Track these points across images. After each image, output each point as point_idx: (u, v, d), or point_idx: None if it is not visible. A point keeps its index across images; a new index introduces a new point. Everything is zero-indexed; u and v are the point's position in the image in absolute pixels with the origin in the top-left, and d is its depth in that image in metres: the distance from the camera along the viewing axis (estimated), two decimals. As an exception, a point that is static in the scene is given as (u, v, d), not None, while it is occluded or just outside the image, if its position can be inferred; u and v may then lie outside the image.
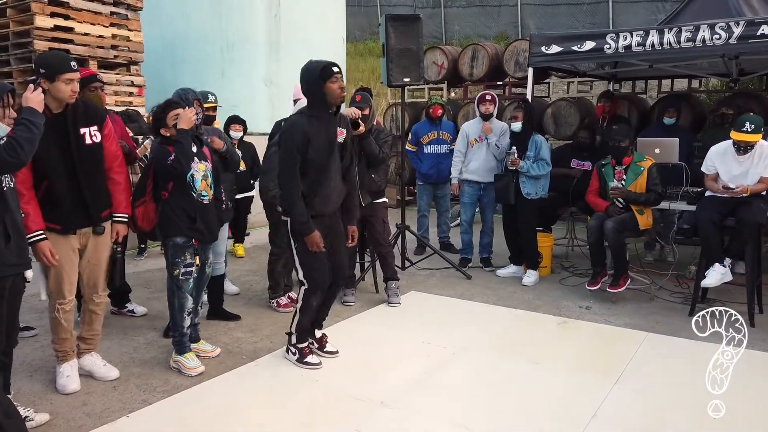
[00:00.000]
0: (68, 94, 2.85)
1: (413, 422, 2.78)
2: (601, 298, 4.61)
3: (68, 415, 2.83)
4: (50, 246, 2.86)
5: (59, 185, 2.90)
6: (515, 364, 3.45)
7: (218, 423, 2.77)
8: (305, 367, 3.31)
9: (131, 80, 6.82)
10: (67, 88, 2.83)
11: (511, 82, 8.76)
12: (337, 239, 3.42)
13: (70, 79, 2.83)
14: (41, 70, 2.82)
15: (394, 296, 4.55)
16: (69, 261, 2.99)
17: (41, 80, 2.82)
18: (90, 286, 3.15)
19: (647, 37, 4.62)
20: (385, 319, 4.24)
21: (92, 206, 3.02)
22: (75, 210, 2.97)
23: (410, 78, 5.13)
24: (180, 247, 3.23)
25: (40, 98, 2.42)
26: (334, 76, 3.14)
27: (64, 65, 2.84)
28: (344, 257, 3.52)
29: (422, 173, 6.14)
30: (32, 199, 2.84)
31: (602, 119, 6.15)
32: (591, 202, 4.80)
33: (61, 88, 2.82)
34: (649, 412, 2.86)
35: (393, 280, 4.59)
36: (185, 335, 3.35)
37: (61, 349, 3.10)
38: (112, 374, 3.20)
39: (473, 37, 13.62)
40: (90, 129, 3.01)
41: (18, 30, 6.04)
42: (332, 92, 3.15)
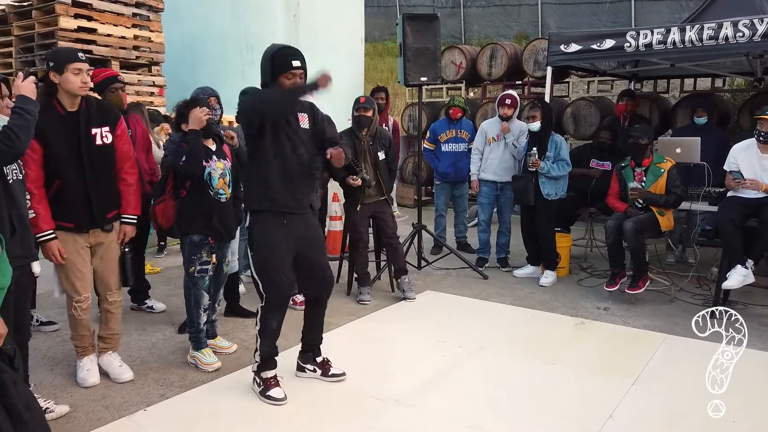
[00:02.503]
0: (78, 86, 2.85)
1: (428, 421, 2.77)
2: (619, 300, 4.56)
3: (87, 407, 2.88)
4: (59, 245, 2.90)
5: (69, 184, 2.92)
6: (531, 364, 3.43)
7: (233, 418, 2.79)
8: (267, 402, 2.88)
9: (152, 80, 6.91)
10: (77, 79, 2.83)
11: (530, 81, 8.70)
12: (310, 246, 2.97)
13: (78, 69, 2.83)
14: (50, 64, 2.85)
15: (409, 291, 4.56)
16: (79, 259, 2.99)
17: (52, 74, 2.84)
18: (103, 286, 3.16)
19: (668, 35, 4.55)
20: (400, 318, 4.24)
21: (96, 207, 3.01)
22: (84, 209, 2.98)
23: (427, 77, 5.11)
24: (196, 244, 3.27)
25: (32, 86, 2.41)
26: (290, 72, 2.78)
27: (71, 56, 2.85)
28: (324, 265, 3.05)
29: (440, 172, 6.12)
30: (43, 198, 2.86)
31: (623, 118, 6.08)
32: (611, 205, 4.75)
33: (70, 78, 2.82)
34: (667, 414, 2.82)
35: (405, 275, 4.60)
36: (201, 331, 3.39)
37: (80, 345, 3.15)
38: (125, 376, 3.18)
39: (493, 37, 13.56)
40: (102, 129, 3.00)
41: (43, 31, 6.17)
42: (285, 87, 2.80)
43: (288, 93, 2.79)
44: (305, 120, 2.93)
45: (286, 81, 2.77)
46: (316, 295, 3.08)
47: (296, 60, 2.79)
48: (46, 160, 2.85)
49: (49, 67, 2.86)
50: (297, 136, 2.88)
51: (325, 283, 3.07)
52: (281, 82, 2.78)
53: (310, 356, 3.20)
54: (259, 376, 2.95)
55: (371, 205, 4.55)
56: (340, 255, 5.08)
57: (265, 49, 2.86)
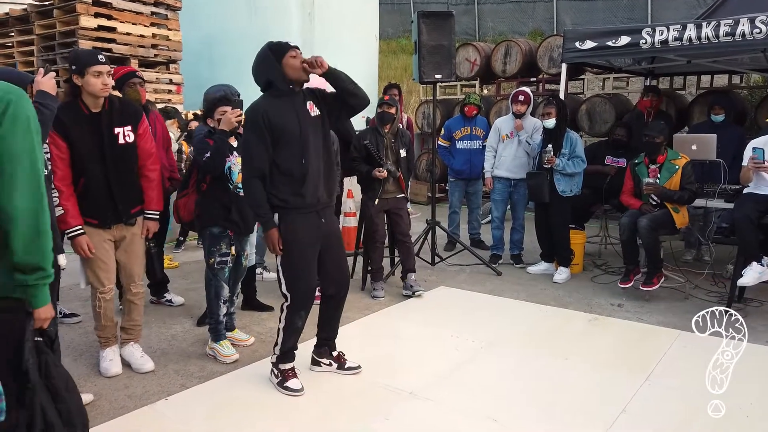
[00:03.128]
0: (99, 87, 2.93)
1: (441, 413, 2.82)
2: (633, 296, 4.56)
3: (111, 396, 2.97)
4: (88, 240, 3.00)
5: (94, 182, 3.02)
6: (544, 358, 3.45)
7: (252, 407, 2.86)
8: (285, 392, 2.96)
9: (170, 78, 7.02)
10: (98, 81, 2.91)
11: (545, 78, 8.68)
12: (331, 243, 3.01)
13: (98, 71, 2.91)
14: (72, 67, 2.94)
15: (417, 286, 4.63)
16: (105, 252, 3.10)
17: (74, 77, 2.93)
18: (127, 277, 3.26)
19: (684, 31, 4.54)
20: (414, 313, 4.29)
21: (120, 203, 3.10)
22: (107, 206, 3.08)
23: (442, 74, 5.14)
24: (216, 236, 3.35)
25: (51, 82, 2.48)
26: (291, 50, 2.81)
27: (92, 58, 2.94)
28: (344, 263, 3.12)
29: (455, 169, 6.14)
30: (71, 195, 2.97)
31: (647, 114, 6.04)
32: (626, 202, 4.75)
33: (91, 81, 2.91)
34: (680, 410, 2.83)
35: (413, 272, 4.67)
36: (221, 323, 3.47)
37: (103, 336, 3.25)
38: (146, 366, 3.26)
39: (507, 34, 13.52)
40: (124, 129, 3.08)
41: (64, 30, 6.29)
42: (292, 67, 2.80)
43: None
44: (313, 107, 2.93)
45: (292, 60, 2.81)
46: (336, 293, 3.10)
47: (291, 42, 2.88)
48: (72, 158, 2.96)
49: (71, 70, 2.96)
50: (311, 126, 2.89)
51: (344, 281, 3.11)
52: (287, 63, 2.81)
53: (326, 350, 3.25)
54: (277, 368, 3.03)
55: (389, 201, 4.61)
56: (354, 251, 5.14)
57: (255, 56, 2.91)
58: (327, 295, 3.12)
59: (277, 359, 3.02)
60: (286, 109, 2.84)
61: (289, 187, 2.84)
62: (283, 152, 2.83)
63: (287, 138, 2.82)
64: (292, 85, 2.86)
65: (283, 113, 2.83)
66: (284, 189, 2.84)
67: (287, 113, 2.84)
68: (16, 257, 1.46)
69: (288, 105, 2.85)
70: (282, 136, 2.82)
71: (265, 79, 2.89)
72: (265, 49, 2.88)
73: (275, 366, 3.03)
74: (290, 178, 2.83)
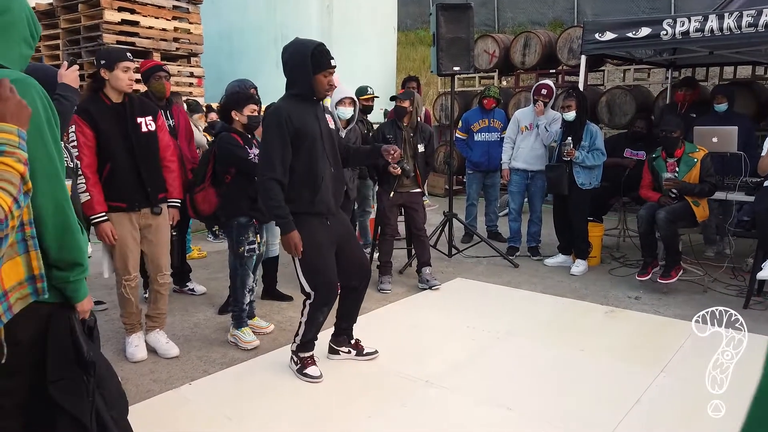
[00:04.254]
0: (126, 83, 3.09)
1: (456, 401, 2.87)
2: (651, 289, 4.56)
3: (137, 381, 3.08)
4: (111, 227, 3.11)
5: (121, 167, 3.14)
6: (560, 349, 3.49)
7: (270, 393, 2.95)
8: (305, 379, 3.05)
9: (191, 71, 7.13)
10: (125, 77, 3.07)
11: (564, 70, 8.62)
12: (346, 239, 3.12)
13: (127, 67, 3.07)
14: (102, 62, 3.07)
15: (432, 279, 4.66)
16: (130, 239, 3.20)
17: (102, 71, 3.06)
18: (154, 266, 3.36)
19: (706, 22, 4.49)
20: (431, 304, 4.34)
21: (150, 186, 3.23)
22: (136, 190, 3.20)
23: (460, 67, 5.15)
24: (243, 226, 3.45)
25: (74, 75, 2.55)
26: (329, 70, 2.87)
27: (122, 55, 3.09)
28: (362, 255, 3.23)
29: (473, 161, 6.16)
30: (97, 182, 3.09)
31: (680, 107, 5.98)
32: (644, 196, 4.73)
33: (120, 76, 3.06)
34: (695, 401, 2.84)
35: (429, 266, 4.71)
36: (244, 311, 3.57)
37: (128, 322, 3.35)
38: (172, 352, 3.38)
39: (527, 25, 13.42)
40: (145, 119, 3.23)
41: (88, 24, 6.43)
42: (321, 86, 2.89)
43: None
44: (330, 120, 3.10)
45: (323, 79, 2.87)
46: (356, 285, 3.18)
47: (332, 59, 2.89)
48: (99, 145, 3.08)
49: (100, 65, 3.08)
50: (329, 139, 3.01)
51: (363, 274, 3.19)
52: (319, 80, 2.86)
53: (344, 339, 3.33)
54: (297, 356, 3.12)
55: (404, 195, 4.64)
56: (372, 242, 5.19)
57: (292, 46, 2.92)
58: (350, 288, 3.19)
59: (297, 348, 3.11)
60: (308, 114, 2.91)
61: (304, 192, 2.90)
62: (301, 157, 2.89)
63: (308, 144, 2.89)
64: (316, 96, 2.94)
65: (305, 118, 2.89)
66: (299, 193, 2.90)
67: (309, 119, 2.91)
68: (52, 256, 1.44)
69: (310, 111, 2.93)
70: (303, 142, 2.88)
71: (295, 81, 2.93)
72: (305, 53, 2.84)
73: (295, 354, 3.12)
74: (305, 183, 2.90)
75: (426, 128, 4.80)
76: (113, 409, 1.60)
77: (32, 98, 1.41)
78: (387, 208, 4.62)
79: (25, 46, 1.54)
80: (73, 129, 2.98)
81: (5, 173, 1.21)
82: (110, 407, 1.58)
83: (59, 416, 1.46)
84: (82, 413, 1.48)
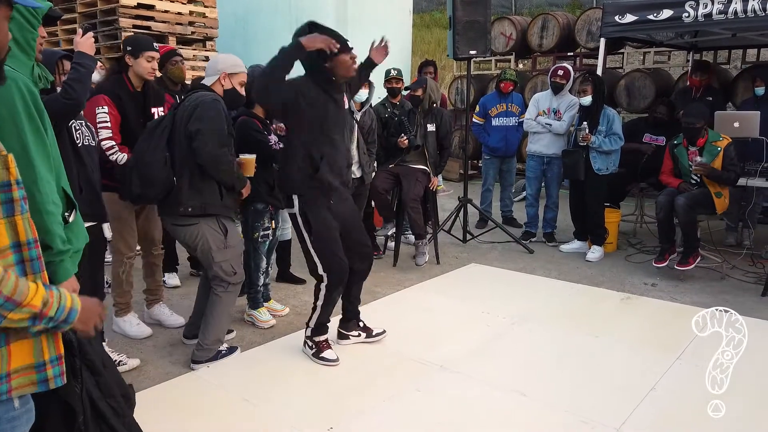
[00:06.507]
0: (148, 71, 3.26)
1: (471, 386, 2.89)
2: (668, 276, 4.52)
3: (156, 362, 3.14)
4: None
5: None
6: (575, 336, 3.48)
7: (287, 376, 2.99)
8: (321, 363, 3.09)
9: (206, 56, 7.11)
10: (148, 66, 3.24)
11: (583, 53, 8.49)
12: (350, 223, 3.13)
13: (151, 56, 3.24)
14: (128, 48, 3.22)
15: (420, 254, 4.73)
16: (131, 218, 3.36)
17: (128, 57, 3.20)
18: (149, 242, 3.55)
19: (729, 4, 4.38)
20: (445, 289, 4.35)
21: None
22: None
23: (477, 50, 5.10)
24: (259, 212, 3.49)
25: (89, 42, 2.56)
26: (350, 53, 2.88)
27: (148, 44, 3.26)
28: (365, 240, 3.22)
29: (490, 146, 6.10)
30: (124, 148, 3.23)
31: (694, 91, 5.88)
32: (665, 182, 4.67)
33: (143, 64, 3.22)
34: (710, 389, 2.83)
35: (421, 238, 4.73)
36: (259, 292, 3.67)
37: (123, 301, 3.45)
38: (178, 321, 3.57)
39: (544, 7, 13.20)
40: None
41: (105, 8, 6.43)
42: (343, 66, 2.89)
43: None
44: (345, 100, 3.15)
45: (347, 58, 2.89)
46: (359, 268, 3.19)
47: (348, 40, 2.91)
48: (122, 131, 3.22)
49: (126, 51, 3.23)
50: (340, 116, 3.06)
51: (370, 253, 3.24)
52: (342, 60, 2.88)
53: (354, 322, 3.36)
54: (312, 340, 3.15)
55: (405, 168, 4.68)
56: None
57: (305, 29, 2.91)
58: (353, 270, 3.17)
59: (311, 332, 3.14)
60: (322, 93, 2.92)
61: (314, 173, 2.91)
62: (311, 135, 2.92)
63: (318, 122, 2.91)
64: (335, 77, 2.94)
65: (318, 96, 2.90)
66: (308, 174, 2.92)
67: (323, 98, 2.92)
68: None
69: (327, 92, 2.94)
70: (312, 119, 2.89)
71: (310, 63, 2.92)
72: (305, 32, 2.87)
73: (309, 338, 3.16)
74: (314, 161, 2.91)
75: (439, 110, 4.82)
76: (111, 398, 1.63)
77: (11, 96, 1.54)
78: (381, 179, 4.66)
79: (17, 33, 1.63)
80: (105, 110, 3.12)
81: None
82: (107, 396, 1.61)
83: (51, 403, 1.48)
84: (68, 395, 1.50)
